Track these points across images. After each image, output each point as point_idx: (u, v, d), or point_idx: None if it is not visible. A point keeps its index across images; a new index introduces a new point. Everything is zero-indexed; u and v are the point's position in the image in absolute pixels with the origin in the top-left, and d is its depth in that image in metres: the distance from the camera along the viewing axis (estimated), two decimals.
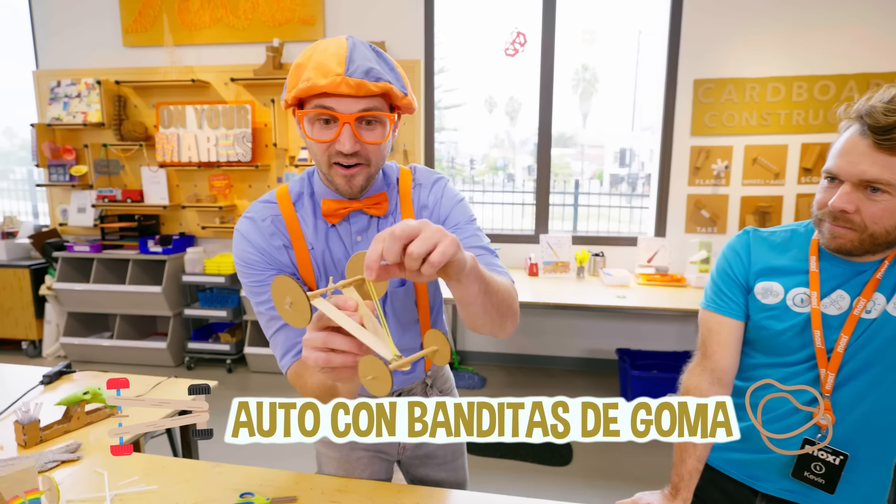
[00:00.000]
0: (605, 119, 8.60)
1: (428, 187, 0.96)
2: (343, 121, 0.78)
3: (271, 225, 0.91)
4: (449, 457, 1.20)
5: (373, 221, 0.93)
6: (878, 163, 0.78)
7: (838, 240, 0.85)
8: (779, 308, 0.93)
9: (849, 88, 3.22)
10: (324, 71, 0.75)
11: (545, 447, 2.64)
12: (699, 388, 0.99)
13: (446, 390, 1.20)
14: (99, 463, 1.13)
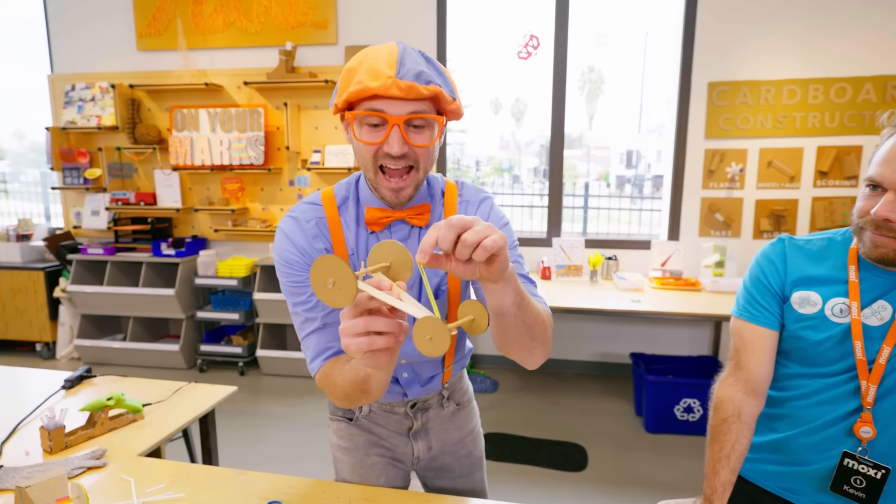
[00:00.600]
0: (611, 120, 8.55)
1: (475, 205, 0.96)
2: (392, 123, 0.78)
3: (315, 227, 0.91)
4: (466, 470, 1.18)
5: (413, 231, 0.93)
6: None
7: (880, 249, 0.84)
8: (817, 318, 0.91)
9: (865, 91, 3.19)
10: (375, 74, 0.76)
11: (560, 452, 2.62)
12: (733, 399, 0.97)
13: (464, 403, 1.17)
14: (125, 469, 1.13)
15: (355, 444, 1.12)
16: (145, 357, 3.69)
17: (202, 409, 1.44)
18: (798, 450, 0.94)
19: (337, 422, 1.14)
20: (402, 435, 1.11)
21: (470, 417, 1.18)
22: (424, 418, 1.11)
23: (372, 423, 1.11)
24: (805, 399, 0.94)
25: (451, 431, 1.14)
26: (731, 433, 0.95)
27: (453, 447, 1.14)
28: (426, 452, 1.13)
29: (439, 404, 1.12)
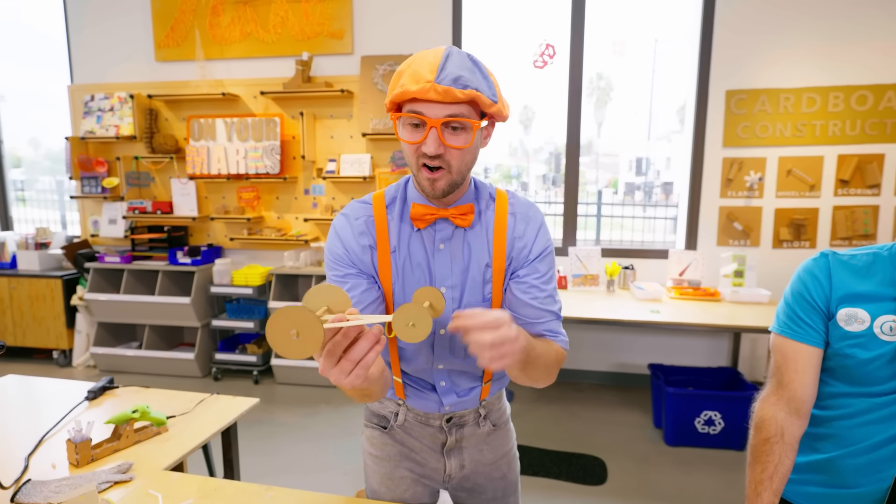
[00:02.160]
0: (619, 128, 8.54)
1: (525, 220, 0.98)
2: (430, 125, 0.82)
3: (363, 224, 0.96)
4: (499, 493, 1.15)
5: (457, 232, 0.96)
6: None
7: None
8: (865, 336, 0.89)
9: (887, 98, 3.15)
10: (416, 78, 0.80)
11: (579, 465, 2.58)
12: (775, 419, 0.94)
13: (500, 424, 1.14)
14: (151, 484, 1.12)
15: (386, 454, 1.11)
16: (160, 365, 3.70)
17: (224, 422, 1.43)
18: (845, 471, 0.91)
19: (371, 429, 1.13)
20: (435, 450, 1.10)
21: (506, 439, 1.15)
22: (459, 434, 1.09)
23: (406, 433, 1.09)
24: (852, 419, 0.91)
25: (486, 452, 1.12)
26: (774, 454, 0.92)
27: (487, 469, 1.12)
28: (458, 471, 1.10)
29: (475, 422, 1.09)
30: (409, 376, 1.05)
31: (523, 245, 0.96)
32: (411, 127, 0.84)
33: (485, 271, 0.96)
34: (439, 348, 0.99)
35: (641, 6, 3.76)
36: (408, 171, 3.77)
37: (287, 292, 3.66)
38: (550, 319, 0.96)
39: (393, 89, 0.84)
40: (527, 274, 0.95)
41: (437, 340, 0.98)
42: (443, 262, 0.94)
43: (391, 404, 1.10)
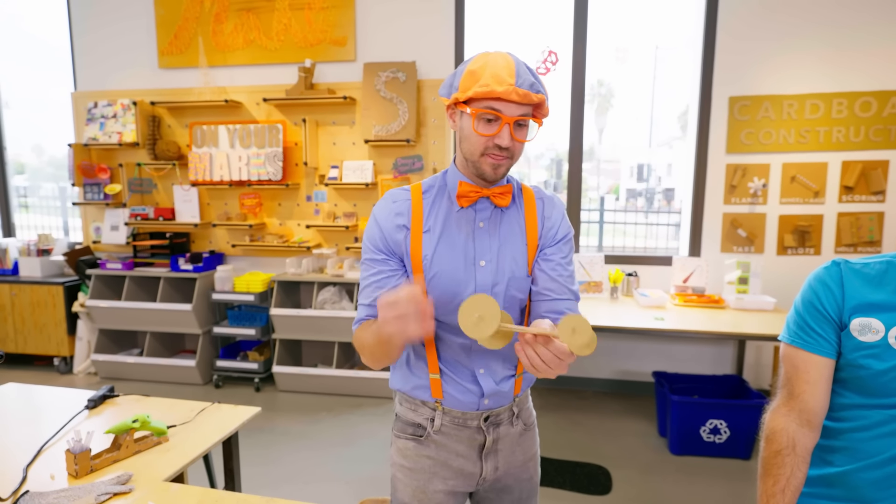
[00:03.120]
0: (620, 134, 8.52)
1: (552, 205, 1.10)
2: (505, 121, 0.93)
3: (400, 206, 1.06)
4: (525, 494, 1.18)
5: (496, 212, 1.05)
6: None
7: None
8: (880, 346, 0.87)
9: (892, 105, 3.14)
10: (499, 80, 0.90)
11: (583, 474, 2.55)
12: (787, 431, 0.93)
13: (530, 425, 1.18)
14: (151, 496, 1.10)
15: (420, 467, 1.10)
16: (161, 372, 3.68)
17: (225, 432, 1.42)
18: (860, 485, 0.89)
19: (404, 440, 1.12)
20: (473, 454, 1.10)
21: (534, 441, 1.20)
22: (496, 434, 1.11)
23: (444, 437, 1.09)
24: (866, 431, 0.89)
25: (518, 454, 1.15)
26: (786, 466, 0.90)
27: (517, 470, 1.15)
28: (493, 473, 1.12)
29: (509, 421, 1.12)
30: (448, 366, 1.07)
31: (552, 225, 1.08)
32: (485, 121, 0.94)
33: (521, 248, 1.06)
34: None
35: (643, 13, 3.77)
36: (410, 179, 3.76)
37: (289, 299, 3.64)
38: (571, 298, 1.05)
39: (471, 86, 0.93)
40: (553, 253, 1.06)
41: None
42: (482, 238, 1.04)
43: (426, 410, 1.10)
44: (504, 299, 1.04)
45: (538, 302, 1.05)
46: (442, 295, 1.01)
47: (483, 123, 0.94)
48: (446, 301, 1.01)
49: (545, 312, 1.03)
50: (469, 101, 0.94)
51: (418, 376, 1.09)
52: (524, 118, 0.94)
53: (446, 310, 1.02)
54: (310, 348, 3.83)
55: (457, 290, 1.02)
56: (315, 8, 3.57)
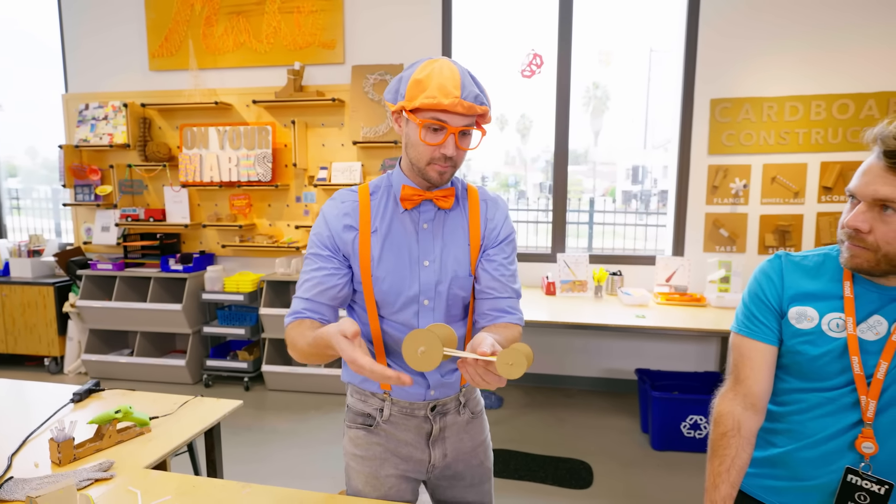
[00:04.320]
0: (616, 136, 8.56)
1: (495, 207, 1.14)
2: (450, 131, 0.97)
3: (348, 207, 1.09)
4: (476, 480, 1.22)
5: (439, 213, 1.09)
6: (889, 183, 0.81)
7: (855, 259, 0.87)
8: (814, 333, 0.92)
9: (868, 107, 3.21)
10: (445, 92, 0.94)
11: (565, 469, 2.60)
12: (732, 414, 0.98)
13: (477, 413, 1.23)
14: (131, 481, 1.14)
15: (371, 454, 1.14)
16: (151, 372, 3.71)
17: (208, 423, 1.46)
18: (799, 464, 0.94)
19: (355, 430, 1.16)
20: (420, 441, 1.15)
21: (482, 428, 1.24)
22: (442, 423, 1.16)
23: (392, 427, 1.14)
24: (805, 413, 0.94)
25: (466, 441, 1.19)
26: (731, 447, 0.96)
27: (467, 456, 1.19)
28: (441, 460, 1.17)
29: (456, 410, 1.17)
30: (395, 360, 1.11)
31: (494, 226, 1.13)
32: (431, 131, 0.98)
33: (463, 248, 1.10)
34: (423, 321, 1.08)
35: (630, 16, 3.83)
36: None
37: (278, 299, 3.68)
38: (512, 296, 1.11)
39: (416, 96, 0.96)
40: (496, 253, 1.11)
41: (422, 310, 1.07)
42: (426, 239, 1.08)
43: (376, 401, 1.14)
44: (447, 298, 1.08)
45: (482, 300, 1.10)
46: (388, 294, 1.06)
47: (429, 133, 0.98)
48: (392, 300, 1.06)
49: (488, 310, 1.09)
50: (415, 110, 0.97)
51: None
52: (468, 128, 0.99)
53: (393, 308, 1.07)
54: None
55: (401, 289, 1.06)
56: (304, 11, 3.62)
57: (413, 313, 1.07)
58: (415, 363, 0.85)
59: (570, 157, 3.64)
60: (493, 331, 1.03)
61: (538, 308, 3.04)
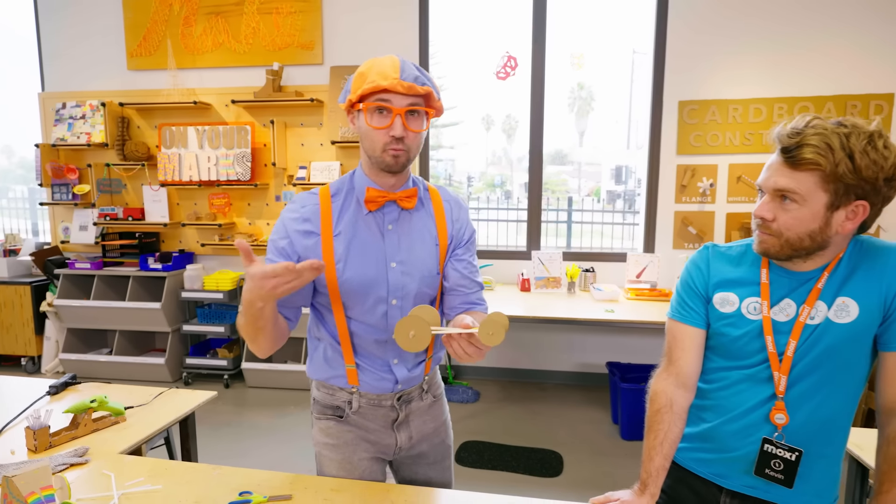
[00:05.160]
0: (601, 137, 8.69)
1: (458, 208, 1.20)
2: (395, 112, 1.01)
3: (308, 212, 1.10)
4: (438, 457, 1.29)
5: (403, 214, 1.13)
6: (786, 175, 0.92)
7: (763, 244, 0.97)
8: (735, 316, 1.02)
9: (827, 109, 3.35)
10: (384, 75, 0.99)
11: (537, 459, 2.69)
12: (665, 392, 1.06)
13: (438, 396, 1.30)
14: (106, 466, 1.20)
15: (343, 441, 1.20)
16: (130, 370, 3.72)
17: (183, 412, 1.51)
18: (724, 437, 1.03)
19: (325, 420, 1.21)
20: (387, 427, 1.21)
21: (443, 409, 1.31)
22: (407, 410, 1.22)
23: (361, 418, 1.19)
24: (728, 389, 1.03)
25: (429, 422, 1.26)
26: (664, 423, 1.04)
27: (430, 436, 1.27)
28: (407, 442, 1.23)
29: (419, 396, 1.24)
30: (364, 359, 1.15)
31: (461, 227, 1.19)
32: (378, 115, 1.02)
33: (430, 249, 1.14)
34: (393, 320, 1.12)
35: (606, 19, 3.94)
36: None
37: None
38: (479, 290, 1.20)
39: (360, 86, 1.00)
40: (463, 252, 1.18)
41: (390, 310, 1.12)
42: (392, 240, 1.11)
43: (343, 394, 1.19)
44: (415, 297, 1.13)
45: (453, 296, 1.17)
46: (355, 295, 1.09)
47: (376, 116, 1.01)
48: (360, 301, 1.10)
49: (459, 304, 1.16)
50: (361, 98, 1.02)
51: (334, 368, 1.17)
52: (415, 108, 1.01)
53: (361, 309, 1.11)
54: None
55: (370, 291, 1.09)
56: (283, 13, 3.66)
57: (382, 314, 1.11)
58: (407, 345, 0.93)
59: (556, 158, 3.73)
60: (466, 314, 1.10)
61: (514, 303, 3.12)
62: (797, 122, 0.92)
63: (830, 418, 0.97)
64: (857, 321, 0.93)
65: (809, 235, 0.92)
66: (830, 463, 0.99)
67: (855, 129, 0.88)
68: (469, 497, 1.10)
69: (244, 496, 1.07)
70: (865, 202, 0.90)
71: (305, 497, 1.08)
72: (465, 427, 3.04)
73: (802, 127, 0.90)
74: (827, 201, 0.90)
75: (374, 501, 1.07)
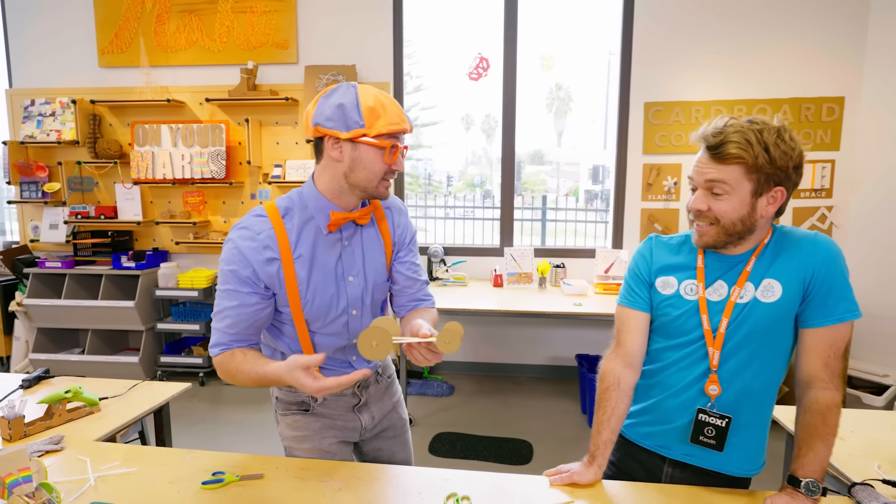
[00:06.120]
0: (579, 137, 8.83)
1: (398, 213, 1.28)
2: (400, 150, 1.10)
3: (266, 238, 1.10)
4: (399, 431, 1.40)
5: (357, 229, 1.20)
6: (715, 169, 1.03)
7: (703, 237, 1.08)
8: (674, 297, 1.12)
9: (783, 111, 3.51)
10: (402, 117, 1.08)
11: (508, 448, 2.78)
12: (613, 371, 1.15)
13: (391, 376, 1.42)
14: (81, 452, 1.23)
15: (311, 431, 1.27)
16: (103, 370, 3.69)
17: (157, 402, 1.55)
18: (666, 411, 1.13)
19: (292, 415, 1.28)
20: (350, 412, 1.30)
21: (396, 388, 1.43)
22: (366, 394, 1.32)
23: (325, 408, 1.28)
24: (670, 367, 1.13)
25: (387, 401, 1.38)
26: (612, 399, 1.13)
27: (390, 413, 1.38)
28: (371, 422, 1.33)
29: (376, 380, 1.35)
30: (325, 362, 1.21)
31: (402, 231, 1.27)
32: (392, 152, 1.08)
33: (380, 258, 1.22)
34: (353, 328, 1.21)
35: (579, 21, 4.04)
36: None
37: None
38: (424, 286, 1.31)
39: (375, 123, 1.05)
40: (406, 254, 1.28)
41: (351, 320, 1.19)
42: (348, 256, 1.18)
43: None
44: (371, 305, 1.22)
45: (401, 296, 1.27)
46: (318, 311, 1.15)
47: (390, 154, 1.07)
48: (322, 316, 1.15)
49: (406, 302, 1.27)
50: (378, 135, 1.05)
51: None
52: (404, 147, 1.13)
53: (323, 323, 1.17)
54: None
55: (331, 306, 1.15)
56: (257, 11, 3.68)
57: (343, 324, 1.18)
58: (370, 355, 1.00)
59: (534, 158, 3.82)
60: (418, 315, 1.21)
61: (487, 298, 3.21)
62: (717, 122, 1.03)
63: (758, 390, 1.07)
64: (781, 300, 1.03)
65: (741, 220, 1.03)
66: (757, 431, 1.10)
67: (765, 126, 1.00)
68: (426, 472, 1.17)
69: (217, 475, 1.12)
70: (782, 188, 1.02)
71: (276, 476, 1.14)
72: (439, 420, 3.11)
73: (723, 127, 1.01)
74: (752, 189, 1.01)
75: (341, 477, 1.14)
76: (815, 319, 1.02)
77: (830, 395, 1.00)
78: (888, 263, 3.37)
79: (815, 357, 1.02)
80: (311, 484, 1.11)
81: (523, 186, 6.09)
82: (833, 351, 1.01)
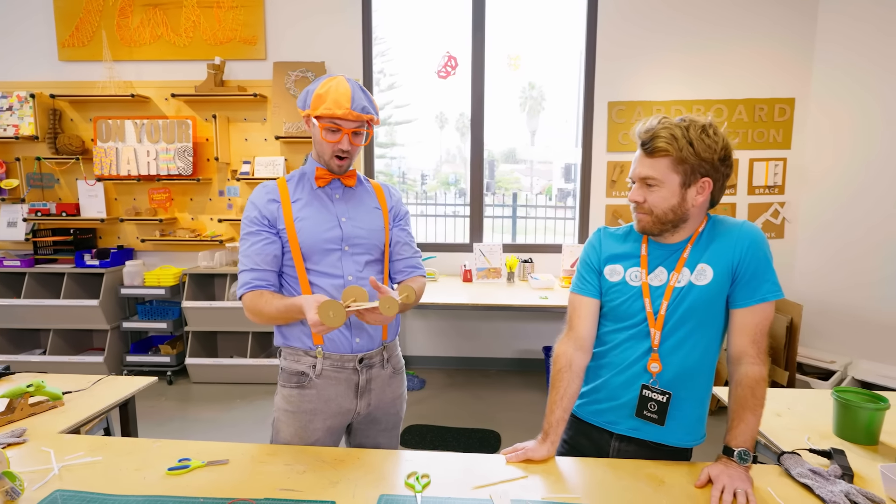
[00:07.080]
0: (552, 136, 8.91)
1: (395, 192, 1.50)
2: (344, 132, 1.29)
3: (272, 190, 1.36)
4: (390, 426, 1.46)
5: (347, 189, 1.40)
6: (646, 164, 1.13)
7: (641, 223, 1.17)
8: (620, 284, 1.20)
9: (738, 112, 3.67)
10: (338, 104, 1.26)
11: (476, 438, 2.84)
12: (566, 354, 1.22)
13: (398, 370, 1.47)
14: (45, 444, 1.24)
15: (302, 410, 1.33)
16: (66, 370, 3.61)
17: (122, 396, 1.55)
18: (613, 388, 1.21)
19: (289, 389, 1.35)
20: (349, 393, 1.35)
21: (402, 383, 1.49)
22: (369, 375, 1.37)
23: (324, 381, 1.33)
24: (617, 348, 1.21)
25: (388, 393, 1.42)
26: (564, 380, 1.20)
27: (386, 406, 1.43)
28: (366, 408, 1.38)
29: (381, 364, 1.39)
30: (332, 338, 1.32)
31: (396, 203, 1.47)
32: (329, 132, 1.29)
33: (375, 211, 1.41)
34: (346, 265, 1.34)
35: (547, 21, 4.12)
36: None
37: (202, 292, 3.70)
38: (417, 255, 1.48)
39: (318, 107, 1.27)
40: (403, 225, 1.47)
41: (343, 256, 1.34)
42: (340, 204, 1.37)
43: (307, 358, 1.33)
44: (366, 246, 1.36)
45: (397, 262, 1.43)
46: (313, 243, 1.30)
47: (329, 133, 1.30)
48: (317, 248, 1.30)
49: (403, 268, 1.45)
50: (318, 117, 1.28)
51: (299, 326, 1.33)
52: (358, 129, 1.31)
53: (319, 257, 1.31)
54: (225, 340, 3.90)
55: (327, 237, 1.32)
56: (224, 7, 3.65)
57: (336, 259, 1.32)
58: (330, 322, 1.11)
59: (508, 157, 3.89)
60: (410, 282, 1.41)
61: (457, 293, 3.26)
62: (651, 121, 1.11)
63: (694, 366, 1.16)
64: (712, 283, 1.12)
65: (672, 210, 1.12)
66: (696, 405, 1.18)
67: (692, 123, 1.08)
68: (390, 454, 1.22)
69: (183, 462, 1.15)
70: (709, 178, 1.11)
71: (242, 461, 1.17)
72: (410, 412, 3.16)
73: (655, 125, 1.10)
74: (680, 181, 1.11)
75: (306, 462, 1.17)
76: (743, 300, 1.12)
77: (758, 370, 1.09)
78: (837, 256, 3.56)
79: (743, 335, 1.12)
80: (276, 468, 1.14)
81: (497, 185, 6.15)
82: (760, 329, 1.11)
